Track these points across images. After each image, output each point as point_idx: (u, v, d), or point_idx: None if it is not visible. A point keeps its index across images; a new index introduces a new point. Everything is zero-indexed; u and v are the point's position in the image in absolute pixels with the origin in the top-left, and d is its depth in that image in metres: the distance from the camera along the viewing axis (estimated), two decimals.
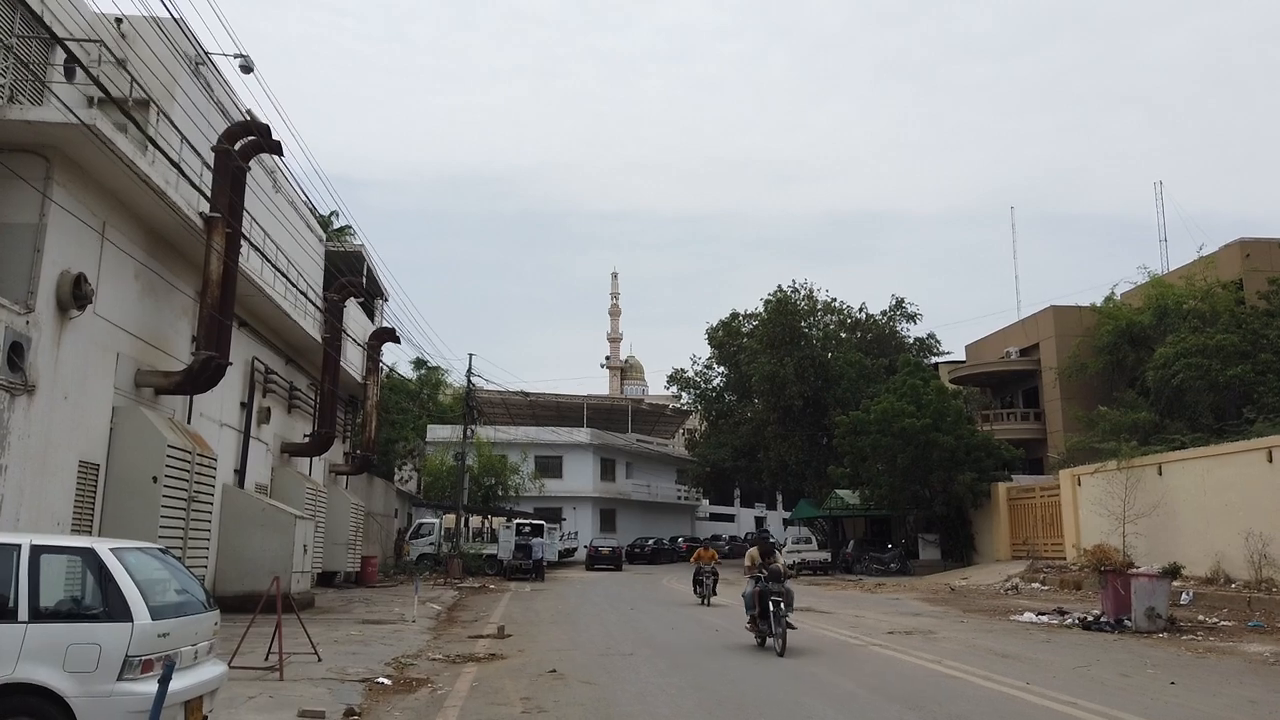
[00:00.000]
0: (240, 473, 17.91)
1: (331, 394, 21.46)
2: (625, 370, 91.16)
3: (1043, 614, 16.71)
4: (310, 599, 17.99)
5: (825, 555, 36.52)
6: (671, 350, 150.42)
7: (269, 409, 19.54)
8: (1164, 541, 22.70)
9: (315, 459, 23.13)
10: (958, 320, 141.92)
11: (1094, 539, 25.66)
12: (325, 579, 23.52)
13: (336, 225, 34.15)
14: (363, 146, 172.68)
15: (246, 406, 18.30)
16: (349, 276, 23.02)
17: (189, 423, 15.18)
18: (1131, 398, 31.26)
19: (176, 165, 12.22)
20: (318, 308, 21.13)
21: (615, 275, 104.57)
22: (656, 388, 79.16)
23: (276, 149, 15.05)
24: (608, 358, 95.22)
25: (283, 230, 19.49)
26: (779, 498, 67.81)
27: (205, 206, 14.07)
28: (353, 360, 25.43)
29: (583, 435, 54.49)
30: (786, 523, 64.49)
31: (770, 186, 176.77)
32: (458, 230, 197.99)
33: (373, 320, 29.84)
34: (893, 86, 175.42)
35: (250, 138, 14.75)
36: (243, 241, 16.32)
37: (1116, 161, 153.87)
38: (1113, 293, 36.80)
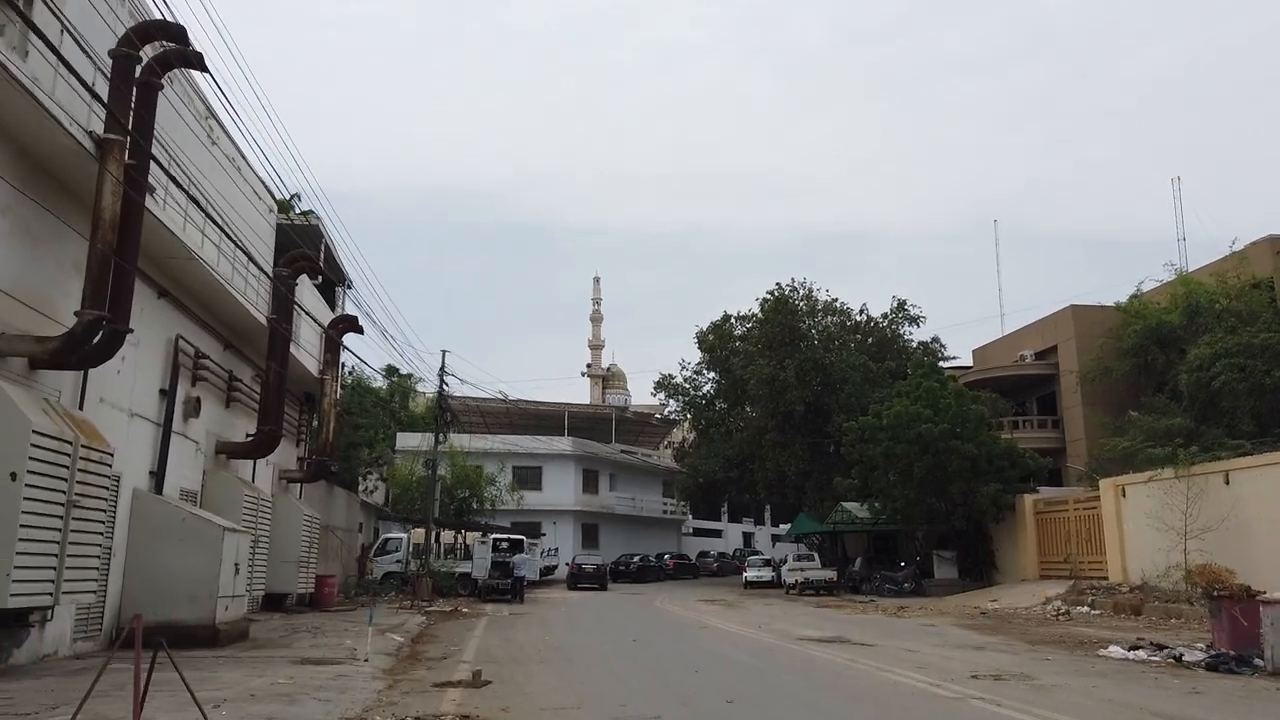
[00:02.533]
0: (157, 475, 14.63)
1: (279, 383, 18.19)
2: (607, 379, 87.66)
3: (1135, 648, 13.81)
4: (243, 630, 14.72)
5: (831, 574, 33.53)
6: (656, 363, 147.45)
7: (198, 400, 16.27)
8: (1233, 559, 19.81)
9: (260, 463, 19.83)
10: (939, 329, 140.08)
11: (1146, 557, 22.96)
12: (274, 602, 20.38)
13: (300, 210, 30.78)
14: (344, 158, 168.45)
15: (168, 394, 15.02)
16: (302, 249, 19.83)
17: (81, 408, 11.95)
18: (1162, 402, 28.90)
19: (55, 50, 9.12)
20: (266, 274, 17.86)
21: (597, 280, 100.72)
22: (639, 397, 76.02)
23: (196, 62, 11.91)
24: (589, 365, 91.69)
25: (220, 191, 16.30)
26: (767, 512, 64.71)
27: (101, 128, 10.94)
28: (308, 349, 22.20)
29: (564, 444, 51.28)
30: (776, 539, 61.31)
31: (753, 202, 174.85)
32: (439, 242, 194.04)
33: (334, 310, 26.64)
34: (874, 103, 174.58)
35: (166, 44, 11.64)
36: (171, 195, 13.22)
37: (1102, 177, 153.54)
38: (1138, 290, 34.40)
